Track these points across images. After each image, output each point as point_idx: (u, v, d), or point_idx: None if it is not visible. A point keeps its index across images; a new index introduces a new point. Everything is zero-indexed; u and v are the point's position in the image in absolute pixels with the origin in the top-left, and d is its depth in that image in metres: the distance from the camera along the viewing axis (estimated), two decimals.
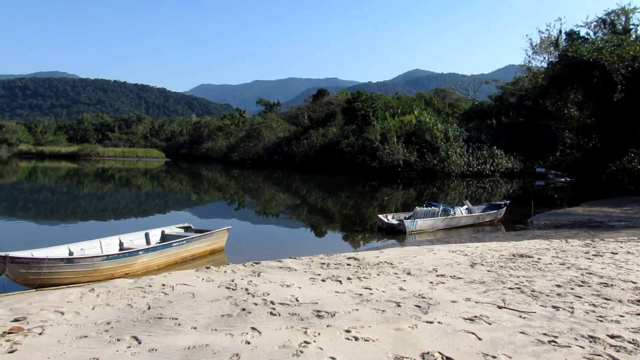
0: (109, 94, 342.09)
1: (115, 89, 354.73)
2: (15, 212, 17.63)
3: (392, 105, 52.64)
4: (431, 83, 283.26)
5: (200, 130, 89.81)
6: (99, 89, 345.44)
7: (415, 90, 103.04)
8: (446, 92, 75.49)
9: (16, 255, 6.72)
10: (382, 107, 50.22)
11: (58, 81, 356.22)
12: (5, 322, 4.98)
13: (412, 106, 49.76)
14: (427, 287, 6.49)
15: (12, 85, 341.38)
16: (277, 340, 4.38)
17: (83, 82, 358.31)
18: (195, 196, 25.38)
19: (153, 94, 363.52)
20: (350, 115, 50.40)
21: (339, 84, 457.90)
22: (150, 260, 8.35)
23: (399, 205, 20.03)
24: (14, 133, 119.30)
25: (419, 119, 42.61)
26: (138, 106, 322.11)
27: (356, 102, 51.00)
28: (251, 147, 60.72)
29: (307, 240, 12.92)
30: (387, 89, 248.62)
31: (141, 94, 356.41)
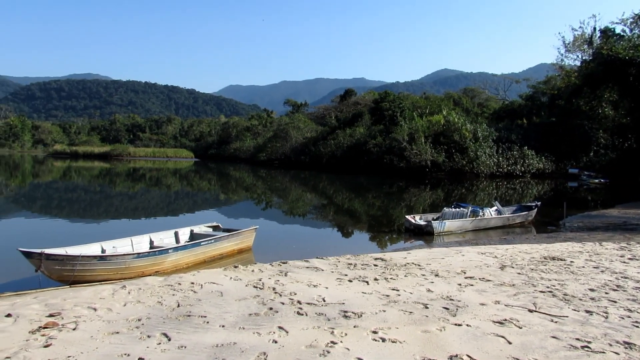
0: (140, 95, 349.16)
1: (146, 90, 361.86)
2: (50, 211, 18.16)
3: (420, 105, 52.21)
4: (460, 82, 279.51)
5: (229, 131, 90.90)
6: (130, 91, 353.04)
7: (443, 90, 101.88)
8: (475, 91, 74.42)
9: (51, 253, 6.90)
10: (410, 107, 49.86)
11: (91, 83, 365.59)
12: (41, 317, 5.14)
13: (441, 106, 49.26)
14: (455, 289, 6.41)
15: (47, 87, 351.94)
16: (304, 340, 4.40)
17: (115, 83, 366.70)
18: (224, 196, 25.66)
19: (183, 95, 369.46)
20: (377, 115, 50.20)
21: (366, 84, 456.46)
22: (179, 259, 8.48)
23: (426, 206, 19.84)
24: (50, 134, 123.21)
25: (448, 119, 42.15)
26: (168, 107, 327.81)
27: (383, 102, 50.76)
28: (278, 147, 61.07)
29: (333, 241, 12.91)
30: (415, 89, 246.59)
31: (171, 95, 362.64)
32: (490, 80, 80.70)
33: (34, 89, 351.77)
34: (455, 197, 23.47)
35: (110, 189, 28.23)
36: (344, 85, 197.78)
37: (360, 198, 24.51)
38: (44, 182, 32.25)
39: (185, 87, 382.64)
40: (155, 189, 28.40)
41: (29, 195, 24.15)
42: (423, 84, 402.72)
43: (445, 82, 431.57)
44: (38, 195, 24.22)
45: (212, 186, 31.80)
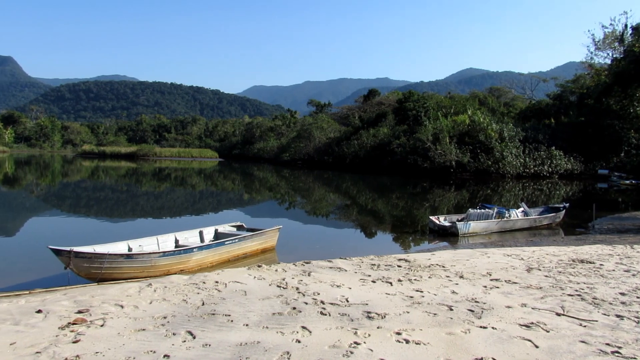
0: (165, 96, 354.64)
1: (172, 91, 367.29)
2: (78, 209, 18.58)
3: (444, 105, 51.69)
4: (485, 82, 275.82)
5: (252, 131, 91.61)
6: (156, 91, 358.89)
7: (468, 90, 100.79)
8: (501, 91, 73.40)
9: (80, 250, 7.06)
10: (434, 107, 49.41)
11: (119, 84, 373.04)
12: (70, 313, 5.25)
13: (466, 106, 48.67)
14: (480, 291, 6.32)
15: (77, 88, 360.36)
16: (327, 340, 4.39)
17: (142, 84, 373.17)
18: (247, 196, 25.85)
19: (207, 95, 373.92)
20: (401, 115, 49.90)
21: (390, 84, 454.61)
22: (204, 258, 8.57)
23: (451, 207, 19.63)
24: (78, 134, 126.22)
25: (473, 119, 41.64)
26: (193, 107, 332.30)
27: (407, 102, 50.42)
28: (302, 147, 61.23)
29: (357, 241, 12.88)
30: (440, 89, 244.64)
31: (196, 96, 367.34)
32: (516, 79, 79.46)
33: (63, 90, 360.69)
34: (480, 198, 23.16)
35: (137, 188, 28.72)
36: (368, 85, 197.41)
37: (383, 198, 24.39)
38: (73, 182, 33.00)
39: (210, 88, 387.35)
40: (180, 189, 28.78)
41: (58, 194, 24.76)
42: (448, 84, 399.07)
43: (470, 81, 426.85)
44: (67, 194, 24.80)
45: (236, 186, 32.07)
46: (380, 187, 31.38)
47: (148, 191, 26.65)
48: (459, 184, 31.56)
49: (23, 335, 4.55)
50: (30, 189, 26.37)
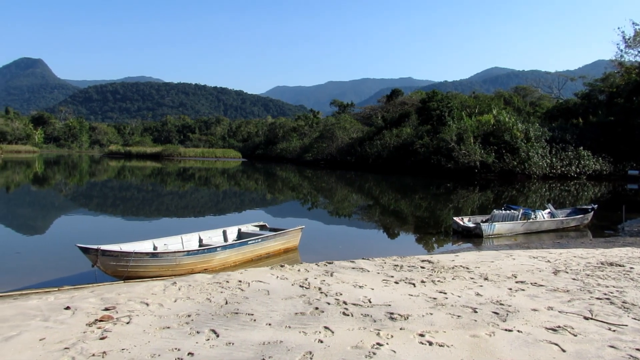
0: (190, 97, 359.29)
1: (196, 92, 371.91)
2: (105, 208, 18.94)
3: (469, 104, 51.11)
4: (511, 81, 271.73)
5: (275, 131, 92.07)
6: (181, 92, 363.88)
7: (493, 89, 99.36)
8: (527, 90, 72.16)
9: (107, 249, 7.20)
10: (459, 107, 48.89)
11: (144, 85, 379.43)
12: (97, 310, 5.36)
13: (491, 105, 48.04)
14: (505, 293, 6.22)
15: (104, 90, 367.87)
16: (349, 341, 4.38)
17: (167, 85, 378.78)
18: (270, 195, 25.98)
19: (231, 96, 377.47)
20: (424, 115, 49.51)
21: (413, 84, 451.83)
22: (227, 257, 8.64)
23: (475, 208, 19.39)
24: (105, 134, 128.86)
25: (498, 119, 41.07)
26: (217, 108, 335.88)
27: (431, 102, 49.98)
28: (324, 147, 61.28)
29: (379, 242, 12.83)
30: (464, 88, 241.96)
31: (220, 97, 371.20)
32: (543, 78, 78.16)
33: (91, 91, 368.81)
34: (505, 199, 22.82)
35: (162, 188, 29.14)
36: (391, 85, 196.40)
37: (406, 199, 24.24)
38: (100, 181, 33.66)
39: (233, 89, 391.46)
40: (204, 189, 29.09)
41: (86, 193, 25.29)
42: (472, 83, 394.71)
43: (495, 80, 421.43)
44: (94, 193, 25.31)
45: (259, 186, 32.27)
46: (403, 188, 31.18)
47: (172, 191, 27.01)
48: (484, 185, 31.15)
49: (52, 331, 4.66)
50: (59, 188, 27.00)
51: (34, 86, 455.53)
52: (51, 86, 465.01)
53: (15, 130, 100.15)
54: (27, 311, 5.34)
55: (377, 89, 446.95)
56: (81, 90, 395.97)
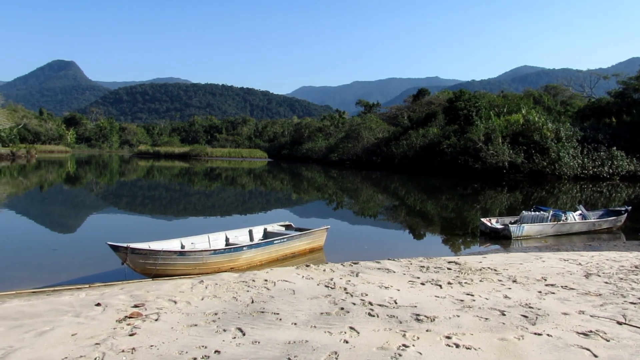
0: (217, 98, 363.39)
1: (223, 92, 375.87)
2: (134, 207, 19.31)
3: (497, 104, 50.28)
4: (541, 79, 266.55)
5: (301, 132, 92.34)
6: (208, 93, 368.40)
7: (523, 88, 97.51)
8: (558, 88, 70.54)
9: (136, 247, 7.33)
10: (487, 106, 48.15)
11: (173, 86, 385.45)
12: (127, 307, 5.47)
13: (520, 104, 47.15)
14: (534, 296, 6.11)
15: (133, 91, 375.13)
16: (375, 342, 4.37)
17: (194, 86, 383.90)
18: (296, 195, 26.07)
19: (257, 96, 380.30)
20: (451, 115, 48.92)
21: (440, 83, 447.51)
22: (253, 256, 8.70)
23: (503, 209, 19.07)
24: (135, 135, 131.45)
25: (527, 118, 40.30)
26: (243, 109, 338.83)
27: (458, 101, 49.35)
28: (350, 147, 61.16)
29: (405, 242, 12.73)
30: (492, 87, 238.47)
31: (246, 97, 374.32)
32: (574, 76, 76.30)
33: (121, 92, 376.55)
34: (534, 200, 22.37)
35: (189, 187, 29.54)
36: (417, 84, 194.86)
37: (433, 199, 24.00)
38: (129, 181, 34.34)
39: (259, 89, 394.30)
40: (231, 188, 29.38)
41: (116, 192, 25.84)
42: (501, 82, 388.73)
43: (525, 79, 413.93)
44: (124, 192, 25.83)
45: (285, 186, 32.41)
46: (430, 188, 30.89)
47: (200, 190, 27.36)
48: (512, 186, 30.61)
49: (83, 326, 4.77)
50: (90, 187, 27.66)
51: (66, 88, 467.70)
52: (83, 88, 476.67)
53: (48, 130, 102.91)
54: (59, 307, 5.49)
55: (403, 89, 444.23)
56: (111, 91, 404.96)
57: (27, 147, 71.68)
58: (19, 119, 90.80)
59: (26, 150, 68.96)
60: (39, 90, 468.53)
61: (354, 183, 34.80)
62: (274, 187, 31.26)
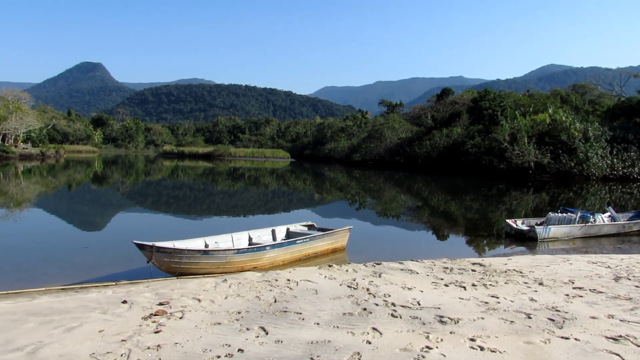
0: (240, 98, 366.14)
1: (246, 93, 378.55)
2: (159, 206, 19.60)
3: (523, 103, 49.47)
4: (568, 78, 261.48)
5: (324, 132, 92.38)
6: (232, 94, 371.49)
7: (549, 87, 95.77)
8: (586, 87, 69.09)
9: (161, 246, 7.44)
10: (512, 106, 47.42)
11: (197, 87, 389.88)
12: (152, 304, 5.55)
13: (546, 104, 46.32)
14: (561, 299, 5.99)
15: (159, 92, 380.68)
16: (398, 343, 4.34)
17: (218, 87, 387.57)
18: (318, 195, 26.10)
19: (280, 97, 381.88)
20: (476, 114, 48.33)
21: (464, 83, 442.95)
22: (276, 256, 8.74)
23: (529, 210, 18.75)
24: (160, 135, 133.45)
25: (554, 118, 39.56)
26: (266, 109, 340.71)
27: (483, 101, 48.71)
28: (373, 147, 60.96)
29: (428, 243, 12.62)
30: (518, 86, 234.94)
31: (269, 97, 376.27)
32: (603, 75, 74.60)
33: (146, 93, 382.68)
34: (561, 202, 21.94)
35: (213, 187, 29.85)
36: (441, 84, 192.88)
37: (456, 200, 23.75)
38: (155, 180, 34.87)
39: (282, 90, 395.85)
40: (254, 188, 29.57)
41: (141, 192, 26.26)
42: (527, 81, 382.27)
43: (551, 78, 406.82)
44: (149, 192, 26.25)
45: (307, 186, 32.48)
46: (453, 189, 30.58)
47: (223, 190, 27.62)
48: (538, 187, 30.08)
49: (110, 323, 4.86)
50: (116, 186, 28.18)
51: (94, 89, 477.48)
52: (110, 89, 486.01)
53: (76, 131, 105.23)
54: (87, 304, 5.60)
55: (427, 89, 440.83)
56: (137, 92, 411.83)
57: (56, 147, 73.53)
58: (49, 119, 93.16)
59: (55, 150, 70.71)
60: (67, 91, 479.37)
61: (377, 183, 34.67)
62: (297, 187, 31.36)
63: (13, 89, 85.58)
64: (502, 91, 63.64)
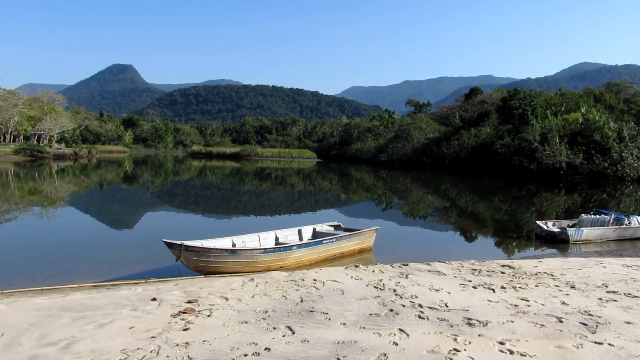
0: (267, 99, 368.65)
1: (273, 93, 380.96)
2: (187, 206, 19.89)
3: (554, 102, 48.43)
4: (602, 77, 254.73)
5: (350, 132, 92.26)
6: (259, 94, 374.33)
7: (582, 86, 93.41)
8: (621, 86, 67.15)
9: (189, 244, 7.55)
10: (543, 105, 46.48)
11: (225, 88, 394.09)
12: (181, 302, 5.63)
13: (579, 103, 45.25)
14: (594, 303, 5.83)
15: (187, 93, 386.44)
16: (425, 345, 4.30)
17: (246, 88, 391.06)
18: (344, 196, 26.06)
19: (307, 97, 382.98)
20: (505, 114, 47.54)
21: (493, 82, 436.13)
22: (302, 256, 8.77)
23: (560, 212, 18.34)
24: (188, 135, 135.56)
25: (587, 117, 38.62)
26: (293, 109, 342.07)
27: (513, 100, 47.86)
28: (399, 148, 60.57)
29: (456, 244, 12.46)
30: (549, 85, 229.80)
31: (296, 98, 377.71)
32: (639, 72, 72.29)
33: (176, 94, 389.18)
34: (594, 203, 21.38)
35: (240, 187, 30.12)
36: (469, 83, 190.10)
37: (485, 201, 23.39)
38: (183, 180, 35.40)
39: (309, 90, 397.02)
40: (280, 188, 29.72)
41: (170, 191, 26.70)
42: (558, 80, 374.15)
43: (584, 76, 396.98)
44: (178, 191, 26.66)
45: (334, 186, 32.47)
46: (482, 189, 30.13)
47: (250, 190, 27.84)
48: (570, 188, 29.38)
49: (140, 320, 4.96)
50: (146, 186, 28.71)
51: (124, 90, 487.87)
52: (140, 90, 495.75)
53: (108, 131, 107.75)
54: (118, 301, 5.73)
55: (455, 88, 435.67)
56: (167, 93, 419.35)
57: (88, 147, 75.41)
58: (81, 120, 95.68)
59: (87, 150, 72.51)
60: (99, 93, 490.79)
61: (404, 184, 34.43)
62: (323, 187, 31.38)
63: (48, 91, 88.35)
64: (532, 90, 62.48)
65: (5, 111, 69.33)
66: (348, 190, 29.58)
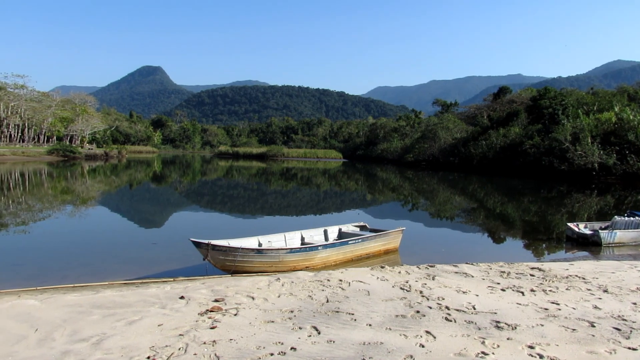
0: (293, 99, 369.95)
1: (299, 94, 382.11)
2: (214, 205, 20.13)
3: (586, 101, 47.28)
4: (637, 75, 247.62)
5: (376, 132, 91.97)
6: (285, 95, 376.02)
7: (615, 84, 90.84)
8: None
9: (216, 244, 7.64)
10: (574, 104, 45.42)
11: (251, 89, 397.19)
12: (208, 301, 5.71)
13: (612, 102, 44.03)
14: (629, 308, 5.67)
15: (214, 94, 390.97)
16: (452, 347, 4.25)
17: (272, 88, 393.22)
18: (370, 196, 25.97)
19: (333, 97, 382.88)
20: (535, 114, 46.63)
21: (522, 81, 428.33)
22: (328, 256, 8.77)
23: (592, 214, 17.89)
24: (215, 136, 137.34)
25: (620, 117, 37.56)
26: (319, 110, 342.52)
27: (543, 99, 46.91)
28: (426, 148, 60.04)
29: (484, 246, 12.28)
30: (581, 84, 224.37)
31: (322, 98, 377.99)
32: None
33: (203, 95, 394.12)
34: (628, 205, 20.77)
35: (266, 187, 30.33)
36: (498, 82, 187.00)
37: (514, 202, 22.98)
38: (210, 180, 35.84)
39: (335, 90, 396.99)
40: (306, 188, 29.80)
41: (198, 191, 27.06)
42: (590, 78, 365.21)
43: (618, 74, 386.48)
44: (205, 191, 27.00)
45: (359, 186, 32.38)
46: (511, 190, 29.61)
47: (276, 190, 28.00)
48: (602, 189, 28.63)
49: (169, 318, 5.04)
50: (174, 186, 29.18)
51: (153, 92, 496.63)
52: (168, 91, 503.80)
53: (137, 132, 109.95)
54: (147, 298, 5.84)
55: (483, 87, 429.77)
56: (194, 94, 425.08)
57: (118, 148, 77.02)
58: (112, 121, 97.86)
59: (118, 150, 74.08)
60: (129, 94, 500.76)
61: (430, 184, 34.11)
62: (349, 187, 31.33)
63: (80, 93, 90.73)
64: (563, 89, 61.12)
65: (39, 113, 71.59)
66: (374, 190, 29.46)
